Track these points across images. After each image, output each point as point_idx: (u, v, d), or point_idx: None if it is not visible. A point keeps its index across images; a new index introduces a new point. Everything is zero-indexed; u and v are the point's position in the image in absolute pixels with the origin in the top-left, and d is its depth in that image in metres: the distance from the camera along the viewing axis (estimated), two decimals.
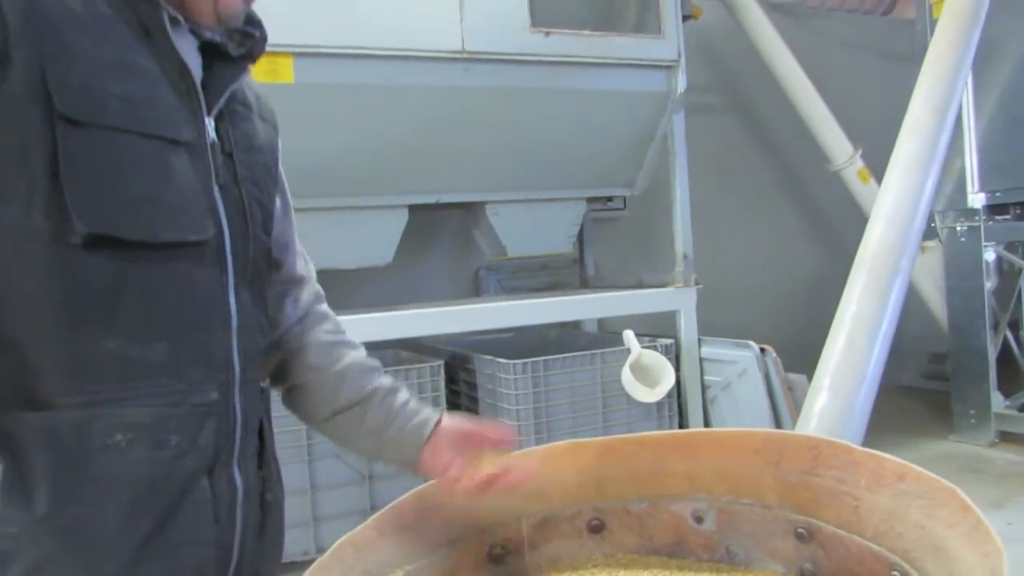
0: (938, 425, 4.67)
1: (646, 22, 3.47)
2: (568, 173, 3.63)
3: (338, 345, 1.19)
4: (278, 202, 1.11)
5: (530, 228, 3.63)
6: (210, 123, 0.94)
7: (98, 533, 0.81)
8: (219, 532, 0.91)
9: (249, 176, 0.99)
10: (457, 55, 3.05)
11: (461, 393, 3.46)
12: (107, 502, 0.82)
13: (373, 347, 3.42)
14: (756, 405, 3.31)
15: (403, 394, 1.18)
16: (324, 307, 1.24)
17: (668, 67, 3.50)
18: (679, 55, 3.49)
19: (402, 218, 3.38)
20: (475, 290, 4.57)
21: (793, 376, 3.31)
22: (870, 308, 2.61)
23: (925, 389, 5.66)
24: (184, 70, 0.90)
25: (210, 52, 0.96)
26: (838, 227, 5.31)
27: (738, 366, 3.39)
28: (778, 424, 3.22)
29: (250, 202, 0.99)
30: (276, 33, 3.17)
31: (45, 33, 0.78)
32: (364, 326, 2.99)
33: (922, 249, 4.61)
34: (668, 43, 3.46)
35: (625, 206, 4.73)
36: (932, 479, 1.05)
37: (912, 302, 5.15)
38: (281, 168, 1.13)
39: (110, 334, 0.82)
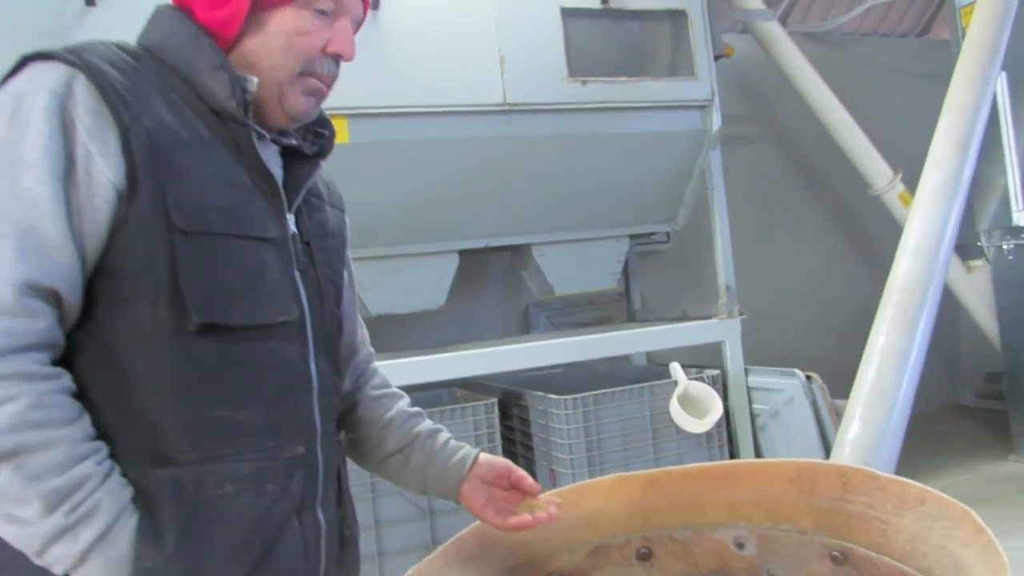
0: (998, 446, 4.61)
1: (679, 64, 3.58)
2: (610, 212, 3.74)
3: (384, 398, 1.36)
4: (346, 276, 1.27)
5: (575, 267, 3.75)
6: (290, 218, 1.11)
7: (214, 567, 0.97)
8: (307, 565, 1.07)
9: (324, 260, 1.16)
10: (499, 107, 3.21)
11: (515, 429, 3.55)
12: (220, 541, 0.97)
13: (429, 387, 3.57)
14: (805, 432, 3.35)
15: (443, 435, 1.34)
16: (374, 364, 1.41)
17: (702, 106, 3.61)
18: (712, 94, 3.60)
19: (453, 262, 3.53)
20: (525, 327, 4.70)
21: (840, 402, 3.34)
22: (898, 340, 2.67)
23: (982, 408, 5.59)
24: (269, 176, 1.07)
25: (289, 153, 1.14)
26: (882, 250, 5.29)
27: (785, 394, 3.43)
28: (828, 450, 3.25)
29: (325, 283, 1.15)
30: (331, 97, 3.37)
31: (162, 162, 0.95)
32: (420, 368, 3.13)
33: (969, 268, 4.62)
34: (701, 84, 3.58)
35: (668, 239, 4.82)
36: (950, 502, 1.14)
37: (964, 321, 5.13)
38: (348, 248, 1.30)
39: (219, 402, 0.99)
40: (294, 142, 1.14)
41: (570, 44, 3.33)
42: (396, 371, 3.04)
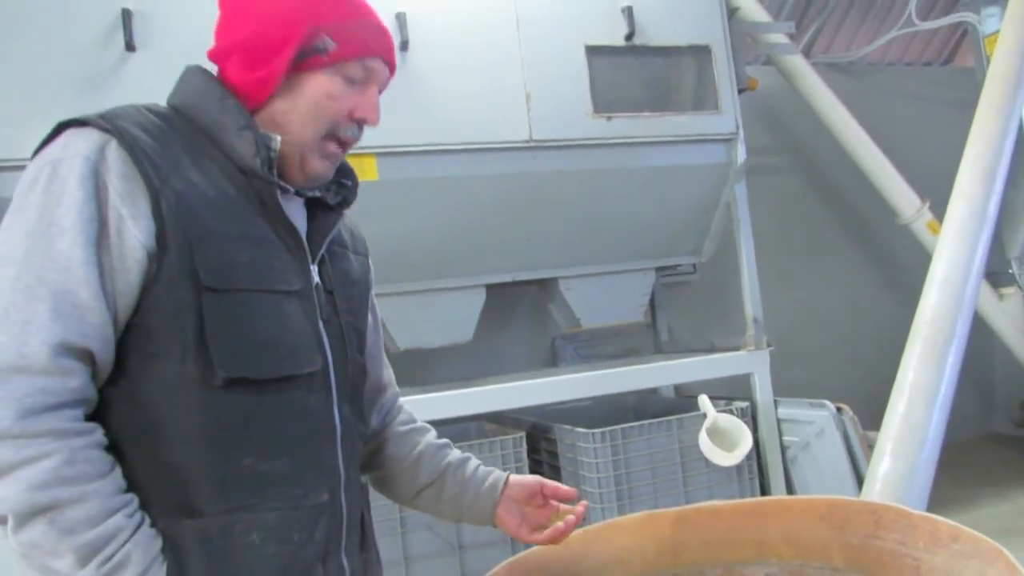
0: None
1: (703, 98, 3.61)
2: (636, 245, 3.76)
3: (411, 433, 1.40)
4: (370, 320, 1.31)
5: (602, 300, 3.77)
6: (314, 269, 1.15)
7: None
8: None
9: (347, 308, 1.20)
10: (525, 144, 3.25)
11: (543, 463, 3.55)
12: None
13: (457, 421, 3.59)
14: (837, 465, 3.32)
15: (472, 463, 1.37)
16: (399, 403, 1.45)
17: (727, 140, 3.63)
18: (737, 127, 3.62)
19: (480, 297, 3.56)
20: (552, 359, 4.71)
21: (872, 434, 3.31)
22: (928, 375, 2.66)
23: (1018, 436, 5.50)
24: (293, 230, 1.11)
25: (313, 204, 1.18)
26: (911, 279, 5.26)
27: (815, 426, 3.41)
28: (860, 482, 3.22)
29: (348, 331, 1.19)
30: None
31: (190, 222, 1.00)
32: (448, 402, 3.15)
33: (1001, 296, 4.57)
34: (725, 117, 3.60)
35: (695, 270, 4.82)
36: (982, 539, 1.14)
37: (998, 349, 5.06)
38: (373, 292, 1.33)
39: (245, 453, 1.03)
40: (318, 194, 1.18)
41: (595, 81, 3.38)
42: (424, 405, 3.10)
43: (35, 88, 2.70)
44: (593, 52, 3.39)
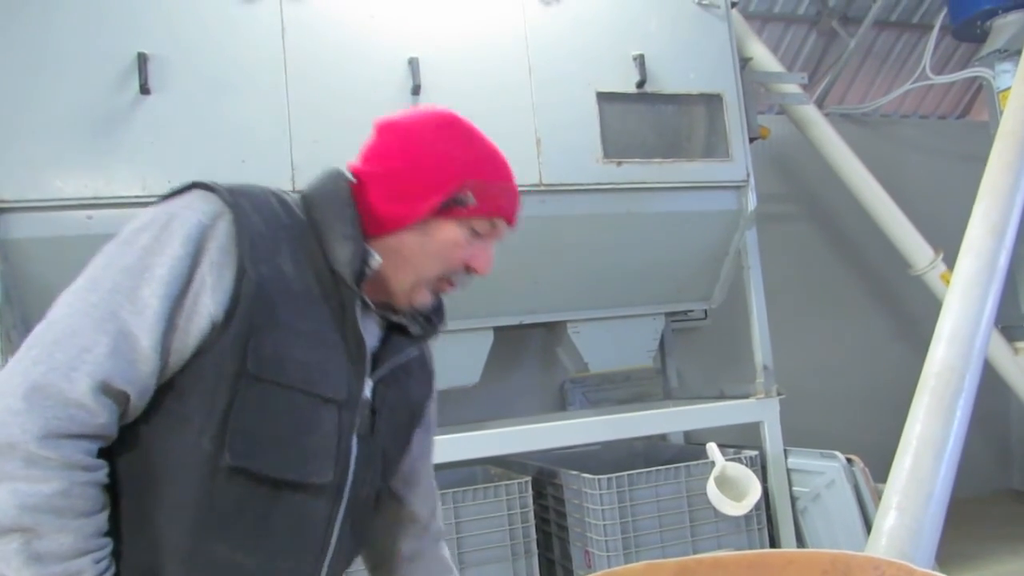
0: None
1: (714, 146, 3.63)
2: (645, 290, 3.75)
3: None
4: (415, 440, 1.33)
5: (610, 344, 3.75)
6: (369, 384, 1.16)
7: None
8: None
9: (387, 432, 1.21)
10: (535, 188, 3.27)
11: (549, 508, 3.51)
12: None
13: (463, 464, 3.55)
14: (847, 516, 3.26)
15: None
16: (439, 551, 1.43)
17: (738, 187, 3.64)
18: (748, 175, 3.63)
19: (488, 339, 3.55)
20: (561, 403, 4.67)
21: (883, 486, 3.26)
22: (935, 428, 2.62)
23: None
24: (360, 341, 1.13)
25: (393, 328, 1.21)
26: (923, 330, 5.20)
27: (826, 477, 3.36)
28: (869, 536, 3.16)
29: (379, 454, 1.20)
30: None
31: (262, 306, 1.03)
32: (454, 445, 3.13)
33: (1016, 350, 4.52)
34: (736, 165, 3.61)
35: (706, 316, 4.80)
36: None
37: (1014, 405, 4.99)
38: (430, 412, 1.36)
39: (223, 539, 1.02)
40: (403, 321, 1.21)
41: (605, 126, 3.41)
42: None
43: (50, 130, 2.75)
44: (604, 98, 3.42)
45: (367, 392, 1.15)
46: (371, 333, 1.16)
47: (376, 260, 1.12)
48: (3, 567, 0.91)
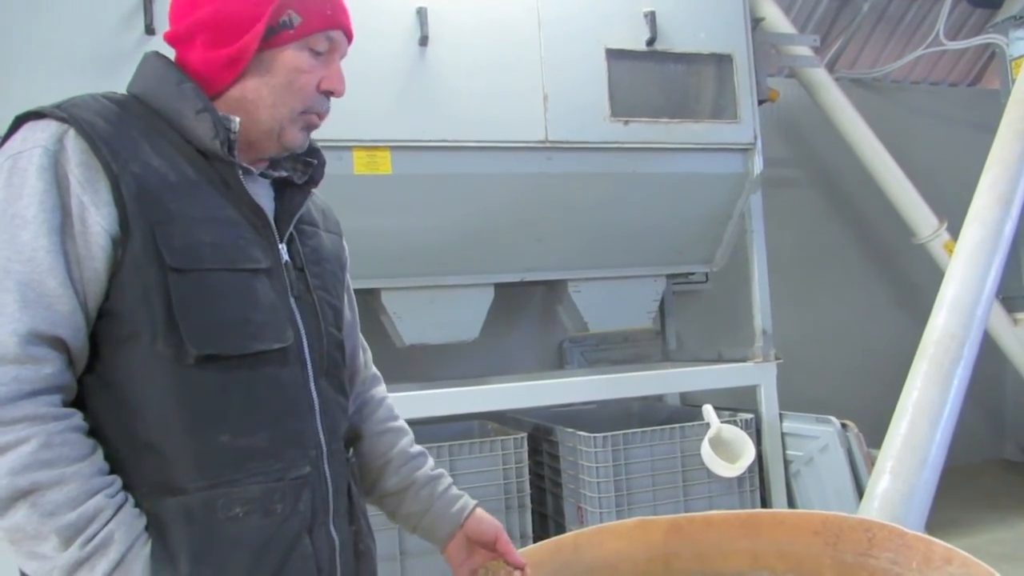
0: None
1: (722, 107, 3.59)
2: (647, 251, 3.74)
3: (387, 434, 1.40)
4: (345, 299, 1.31)
5: (611, 304, 3.75)
6: (283, 248, 1.15)
7: None
8: None
9: (320, 284, 1.21)
10: (541, 144, 3.24)
11: (544, 464, 3.55)
12: (233, 561, 1.02)
13: (460, 418, 3.58)
14: (839, 481, 3.29)
15: (443, 482, 1.38)
16: (379, 391, 1.44)
17: (744, 150, 3.61)
18: (755, 138, 3.60)
19: (488, 295, 3.55)
20: (559, 362, 4.70)
21: (876, 452, 3.29)
22: (932, 394, 2.63)
23: None
24: (258, 209, 1.12)
25: (280, 184, 1.19)
26: (924, 299, 5.20)
27: (820, 441, 3.39)
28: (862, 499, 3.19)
29: (322, 306, 1.19)
30: (375, 130, 3.42)
31: (151, 205, 1.01)
32: (452, 399, 3.15)
33: (1015, 321, 4.52)
34: (744, 127, 3.57)
35: (707, 279, 4.80)
36: (975, 563, 1.13)
37: (1010, 375, 5.01)
38: (347, 272, 1.34)
39: (222, 429, 1.04)
40: (284, 174, 1.19)
41: (613, 84, 3.36)
42: (428, 402, 3.09)
43: (55, 71, 2.72)
44: (613, 56, 3.37)
45: (284, 255, 1.15)
46: (264, 198, 1.15)
47: (235, 122, 1.09)
48: (29, 544, 0.91)
